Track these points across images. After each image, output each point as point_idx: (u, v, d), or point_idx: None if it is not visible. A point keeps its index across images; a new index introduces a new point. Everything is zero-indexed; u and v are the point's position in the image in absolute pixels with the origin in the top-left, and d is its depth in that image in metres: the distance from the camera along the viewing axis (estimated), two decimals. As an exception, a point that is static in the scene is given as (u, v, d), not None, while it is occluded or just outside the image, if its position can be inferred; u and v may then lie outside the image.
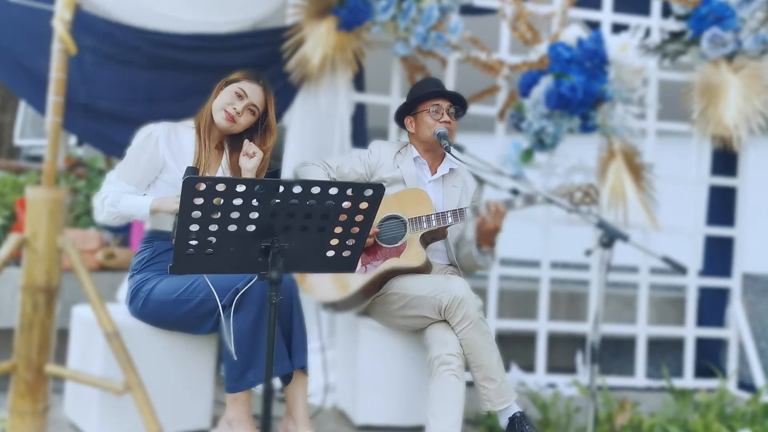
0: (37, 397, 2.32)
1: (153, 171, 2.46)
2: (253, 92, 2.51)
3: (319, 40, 3.49)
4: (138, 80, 3.49)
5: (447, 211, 2.61)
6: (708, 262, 4.29)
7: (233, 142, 2.57)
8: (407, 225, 2.65)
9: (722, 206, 4.25)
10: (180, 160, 2.47)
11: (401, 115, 2.83)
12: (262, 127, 2.55)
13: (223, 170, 2.54)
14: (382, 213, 2.68)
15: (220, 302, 2.30)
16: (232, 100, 2.48)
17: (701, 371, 4.11)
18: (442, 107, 2.71)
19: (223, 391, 2.55)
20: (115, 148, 3.56)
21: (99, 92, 3.45)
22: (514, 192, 2.41)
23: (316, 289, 2.74)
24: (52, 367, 2.27)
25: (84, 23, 3.31)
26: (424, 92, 2.73)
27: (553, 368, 4.00)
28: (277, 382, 2.48)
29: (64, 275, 2.29)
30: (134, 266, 2.50)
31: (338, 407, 3.12)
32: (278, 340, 2.33)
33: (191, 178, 1.67)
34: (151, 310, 2.45)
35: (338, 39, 3.51)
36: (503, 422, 2.49)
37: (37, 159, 5.86)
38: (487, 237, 2.59)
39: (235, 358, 2.29)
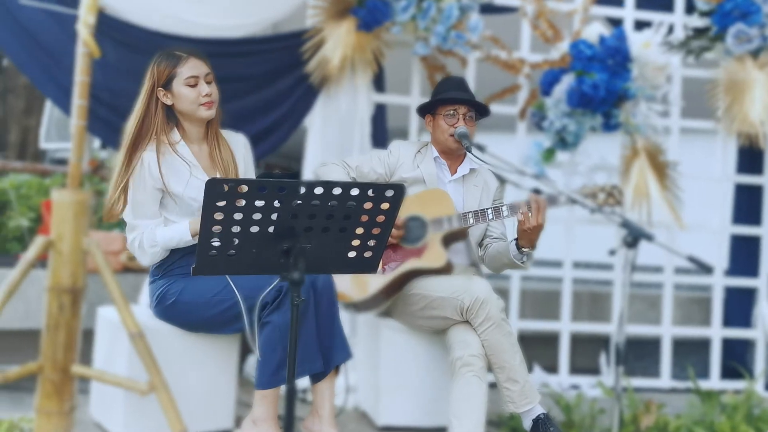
0: (63, 397, 2.35)
1: (159, 196, 2.42)
2: (196, 66, 2.40)
3: (338, 41, 3.50)
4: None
5: (468, 212, 2.60)
6: (734, 261, 4.22)
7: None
8: (428, 226, 2.64)
9: (748, 204, 4.18)
10: (176, 173, 2.41)
11: (424, 113, 2.82)
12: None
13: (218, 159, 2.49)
14: (403, 214, 2.67)
15: (249, 303, 2.30)
16: (193, 90, 2.38)
17: (727, 372, 4.04)
18: (458, 112, 2.68)
19: (245, 391, 2.56)
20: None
21: (121, 96, 3.49)
22: (537, 191, 2.39)
23: (338, 289, 2.75)
24: (77, 367, 2.30)
25: (106, 27, 3.34)
26: (441, 96, 2.72)
27: (575, 369, 3.97)
28: (304, 381, 2.48)
29: (88, 277, 2.31)
30: (154, 272, 2.51)
31: (360, 408, 3.12)
32: (311, 339, 2.32)
33: (214, 179, 1.68)
34: (181, 312, 2.46)
35: (358, 39, 3.50)
36: (527, 424, 2.48)
37: (62, 162, 5.95)
38: (528, 235, 2.48)
39: (265, 357, 2.29)
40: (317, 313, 2.36)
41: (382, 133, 3.74)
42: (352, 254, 1.91)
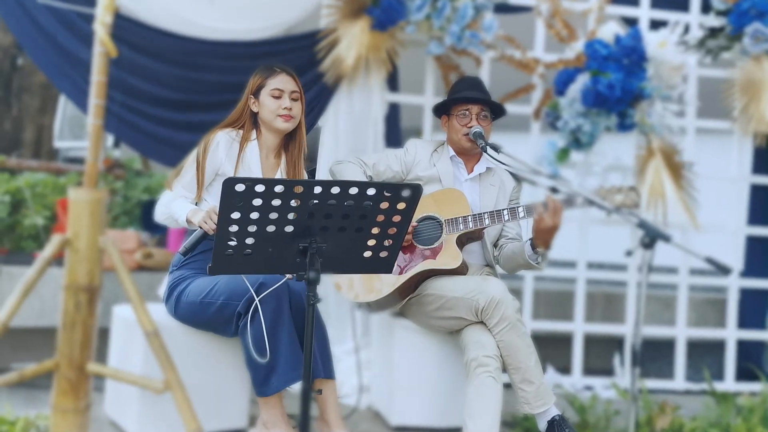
0: (79, 395, 2.36)
1: (210, 175, 2.51)
2: (284, 81, 2.56)
3: (353, 41, 3.49)
4: (172, 86, 3.53)
5: (484, 213, 2.59)
6: (749, 262, 4.19)
7: (288, 138, 2.64)
8: (443, 226, 2.64)
9: (764, 205, 4.14)
10: (238, 169, 2.50)
11: (439, 113, 2.82)
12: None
13: (281, 172, 2.61)
14: (418, 213, 2.67)
15: (232, 307, 2.34)
16: (275, 102, 2.53)
17: (743, 374, 4.01)
18: (471, 112, 2.69)
19: (259, 391, 2.56)
20: (151, 150, 3.62)
21: (135, 96, 3.50)
22: (554, 191, 2.38)
23: (352, 289, 2.75)
24: (93, 365, 2.30)
25: (120, 28, 3.36)
26: (455, 96, 2.72)
27: (589, 370, 3.95)
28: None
29: (103, 275, 2.32)
30: (174, 262, 2.56)
31: (373, 408, 3.12)
32: (293, 347, 2.34)
33: (231, 178, 1.69)
34: (183, 311, 2.50)
35: (372, 39, 3.50)
36: (542, 425, 2.47)
37: (76, 160, 5.97)
38: (543, 236, 2.46)
39: (258, 360, 2.30)
40: (295, 319, 2.37)
41: (395, 132, 3.74)
42: (367, 254, 1.91)
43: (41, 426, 2.50)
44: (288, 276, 2.37)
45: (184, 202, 2.49)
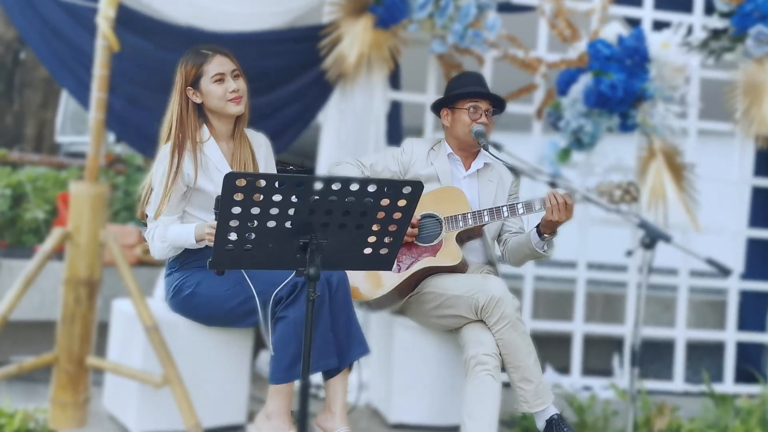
0: (78, 389, 2.37)
1: (182, 191, 2.41)
2: (222, 63, 2.43)
3: (355, 38, 3.49)
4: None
5: (483, 210, 2.59)
6: (750, 264, 4.19)
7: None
8: (443, 224, 2.64)
9: (765, 208, 4.14)
10: (206, 171, 2.43)
11: (438, 107, 2.81)
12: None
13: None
14: (417, 212, 2.66)
15: (264, 297, 2.31)
16: (220, 87, 2.41)
17: (742, 376, 4.01)
18: (480, 108, 2.69)
19: (257, 386, 2.57)
20: (149, 147, 3.61)
21: (136, 90, 3.49)
22: (552, 185, 2.38)
23: (352, 287, 2.74)
24: (92, 359, 2.31)
25: (124, 19, 3.35)
26: (465, 90, 2.71)
27: (587, 370, 3.95)
28: (317, 377, 2.49)
29: (104, 269, 2.33)
30: (170, 265, 2.51)
31: (372, 405, 3.12)
32: (326, 335, 2.32)
33: (231, 173, 1.68)
34: (196, 305, 2.46)
35: (375, 37, 3.50)
36: (540, 424, 2.46)
37: (77, 155, 5.97)
38: (553, 226, 2.52)
39: (279, 352, 2.29)
40: (332, 308, 2.36)
41: (397, 130, 3.74)
42: (368, 251, 1.90)
43: (40, 419, 2.50)
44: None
45: (178, 228, 2.39)
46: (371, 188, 1.77)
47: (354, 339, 2.39)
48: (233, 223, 1.74)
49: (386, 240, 1.90)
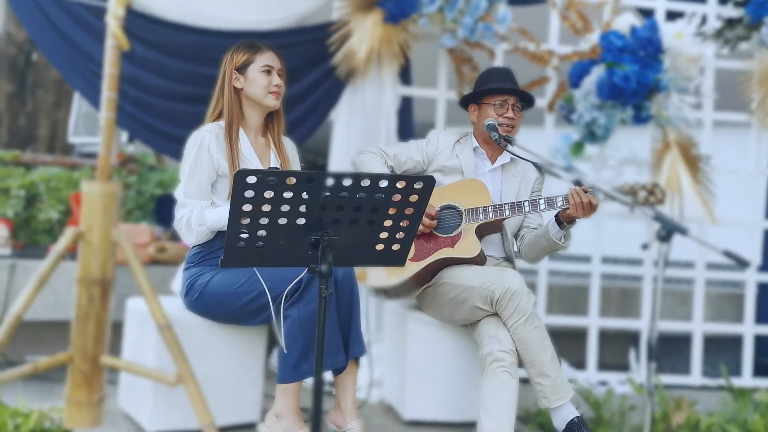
0: (93, 388, 2.37)
1: (212, 176, 2.46)
2: (273, 58, 2.54)
3: (365, 34, 3.48)
4: (184, 78, 3.52)
5: (505, 204, 2.57)
6: (767, 256, 4.14)
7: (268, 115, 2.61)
8: (463, 215, 2.63)
9: (782, 199, 4.09)
10: (238, 164, 2.46)
11: (466, 102, 2.81)
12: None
13: (273, 152, 2.57)
14: (438, 202, 2.66)
15: (274, 293, 2.31)
16: (267, 78, 2.50)
17: (760, 370, 3.97)
18: (507, 103, 2.71)
19: (272, 384, 2.56)
20: (164, 146, 3.62)
21: (148, 90, 3.50)
22: (578, 184, 2.36)
23: (369, 274, 2.74)
24: (107, 358, 2.31)
25: (132, 22, 3.36)
26: (490, 86, 2.71)
27: (603, 365, 3.92)
28: (327, 375, 2.48)
29: (117, 269, 2.33)
30: (189, 259, 2.53)
31: (386, 401, 3.11)
32: (333, 333, 2.32)
33: (242, 170, 1.67)
34: (207, 302, 2.46)
35: (384, 32, 3.48)
36: (557, 421, 2.44)
37: (90, 156, 6.00)
38: (571, 219, 2.54)
39: (285, 351, 2.29)
40: (338, 305, 2.36)
41: (408, 126, 3.72)
42: (380, 247, 1.89)
43: (55, 418, 2.51)
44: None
45: (218, 209, 2.43)
46: (382, 184, 1.76)
47: (353, 337, 2.39)
48: (244, 221, 1.73)
49: (398, 236, 1.88)
